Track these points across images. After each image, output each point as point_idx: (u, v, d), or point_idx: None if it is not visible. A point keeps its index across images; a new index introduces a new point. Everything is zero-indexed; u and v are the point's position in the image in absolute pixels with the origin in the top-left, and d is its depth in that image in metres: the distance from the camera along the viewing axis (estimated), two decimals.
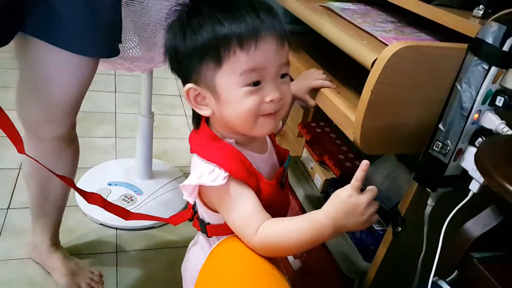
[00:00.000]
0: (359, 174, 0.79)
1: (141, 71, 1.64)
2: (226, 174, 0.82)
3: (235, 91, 0.80)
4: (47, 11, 1.03)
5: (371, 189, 0.81)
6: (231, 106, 0.82)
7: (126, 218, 1.21)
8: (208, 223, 0.95)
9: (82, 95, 1.22)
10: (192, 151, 0.91)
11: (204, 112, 0.86)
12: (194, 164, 0.89)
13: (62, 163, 1.34)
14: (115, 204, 1.25)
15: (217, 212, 0.90)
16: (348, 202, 0.79)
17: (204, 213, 0.95)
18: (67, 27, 1.05)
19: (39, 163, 1.17)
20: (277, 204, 0.91)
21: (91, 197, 1.25)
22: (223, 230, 0.91)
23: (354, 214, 0.80)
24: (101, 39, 1.13)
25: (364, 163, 0.80)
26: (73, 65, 1.13)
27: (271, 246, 0.82)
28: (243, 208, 0.83)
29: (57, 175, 1.21)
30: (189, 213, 1.03)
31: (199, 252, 1.01)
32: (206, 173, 0.82)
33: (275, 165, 0.97)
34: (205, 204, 0.92)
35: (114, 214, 1.22)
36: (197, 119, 0.92)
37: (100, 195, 1.26)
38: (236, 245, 0.86)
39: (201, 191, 0.88)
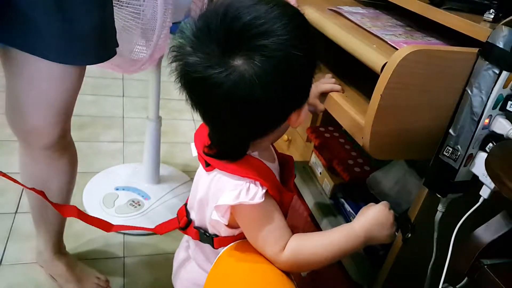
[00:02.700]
0: None
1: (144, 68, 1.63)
2: (264, 190, 0.79)
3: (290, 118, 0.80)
4: (22, 20, 0.99)
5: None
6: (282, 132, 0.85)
7: (108, 230, 1.12)
8: (215, 235, 0.90)
9: (70, 103, 1.18)
10: (211, 169, 0.84)
11: None
12: (220, 181, 0.83)
13: (57, 172, 1.32)
14: (93, 216, 1.14)
15: (234, 227, 0.87)
16: (382, 214, 0.87)
17: (210, 226, 0.90)
18: (43, 36, 1.01)
19: (11, 178, 1.09)
20: (286, 210, 0.91)
21: (66, 210, 1.16)
22: (233, 241, 0.89)
23: (385, 226, 0.87)
24: (81, 46, 1.08)
25: None
26: (54, 74, 1.09)
27: (301, 261, 0.82)
28: (272, 226, 0.82)
29: (26, 187, 1.15)
30: (182, 221, 0.97)
31: (193, 266, 1.00)
32: (244, 191, 0.78)
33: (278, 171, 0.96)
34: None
35: (94, 226, 1.13)
36: None
37: (75, 206, 1.13)
38: (243, 251, 0.86)
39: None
